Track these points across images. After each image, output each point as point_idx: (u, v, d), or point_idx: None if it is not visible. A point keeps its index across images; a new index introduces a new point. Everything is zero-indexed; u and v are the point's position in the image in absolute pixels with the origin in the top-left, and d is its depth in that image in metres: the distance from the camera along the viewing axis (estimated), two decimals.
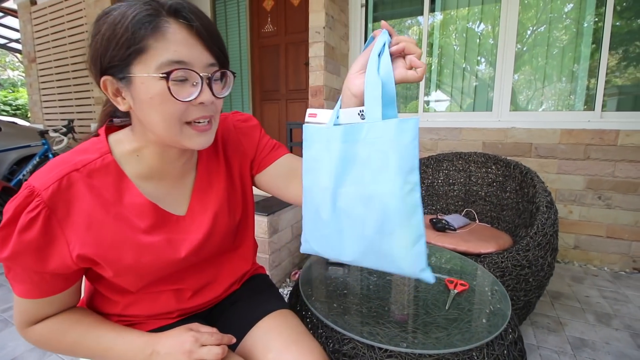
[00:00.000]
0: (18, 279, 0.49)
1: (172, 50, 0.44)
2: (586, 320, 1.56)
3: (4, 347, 1.41)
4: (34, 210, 0.45)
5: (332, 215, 0.55)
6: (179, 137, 0.49)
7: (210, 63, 0.48)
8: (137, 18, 0.43)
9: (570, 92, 2.27)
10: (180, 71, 0.45)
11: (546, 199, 1.37)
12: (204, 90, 0.47)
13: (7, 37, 5.99)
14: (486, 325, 0.75)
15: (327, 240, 0.57)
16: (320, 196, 0.56)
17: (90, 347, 0.53)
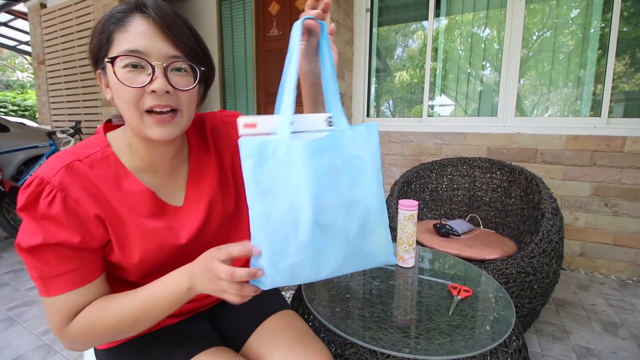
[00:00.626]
0: (56, 272, 0.48)
1: (129, 41, 0.48)
2: (592, 329, 1.54)
3: (9, 346, 1.42)
4: (49, 195, 0.47)
5: (311, 235, 0.47)
6: (140, 126, 0.51)
7: (172, 55, 0.50)
8: (110, 15, 0.50)
9: (576, 97, 2.26)
10: (130, 58, 0.48)
11: (551, 205, 1.36)
12: (156, 78, 0.49)
13: (17, 40, 6.08)
14: (490, 333, 0.75)
15: (301, 266, 0.48)
16: (290, 220, 0.46)
17: (135, 310, 0.50)
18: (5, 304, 1.75)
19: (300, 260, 0.47)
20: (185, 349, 0.58)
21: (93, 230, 0.50)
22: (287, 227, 0.46)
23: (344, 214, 0.50)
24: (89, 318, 0.49)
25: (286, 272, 0.47)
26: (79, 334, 0.49)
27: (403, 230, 1.04)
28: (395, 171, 2.67)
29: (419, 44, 2.75)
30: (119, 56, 0.48)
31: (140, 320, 0.50)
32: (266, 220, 0.46)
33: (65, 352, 1.38)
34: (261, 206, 0.46)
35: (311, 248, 0.48)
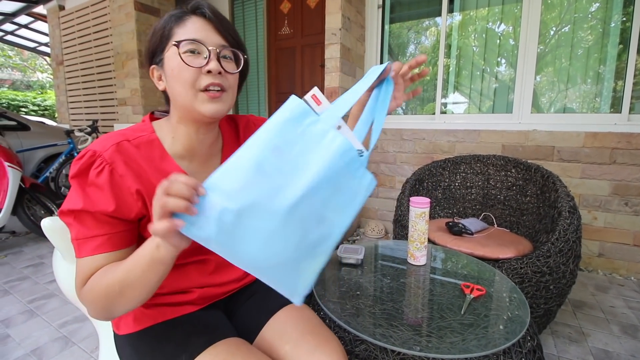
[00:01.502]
0: (89, 235, 0.53)
1: (189, 32, 0.57)
2: (611, 332, 1.50)
3: (29, 337, 1.47)
4: (99, 167, 0.54)
5: (282, 210, 0.44)
6: (194, 103, 0.58)
7: (222, 44, 0.59)
8: (170, 15, 0.59)
9: (595, 94, 2.19)
10: (191, 43, 0.56)
11: (569, 203, 1.32)
12: (211, 60, 0.57)
13: (37, 41, 6.26)
14: (503, 332, 0.73)
15: (246, 231, 0.43)
16: (275, 184, 0.44)
17: (119, 274, 0.50)
18: (26, 297, 1.81)
19: (253, 224, 0.43)
20: (203, 337, 0.59)
21: (132, 203, 0.55)
22: (267, 187, 0.44)
23: (315, 221, 0.49)
24: (93, 280, 0.52)
25: (228, 227, 0.42)
26: (87, 295, 0.53)
27: (414, 227, 1.03)
28: (407, 169, 2.65)
29: (432, 40, 2.71)
30: (183, 40, 0.56)
31: (125, 285, 0.49)
32: (255, 168, 0.43)
33: (82, 344, 1.42)
34: (261, 154, 0.44)
35: (271, 221, 0.44)
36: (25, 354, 1.36)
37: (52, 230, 0.75)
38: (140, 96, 3.25)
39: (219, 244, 0.43)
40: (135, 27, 3.13)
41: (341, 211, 0.52)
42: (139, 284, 0.49)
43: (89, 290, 0.52)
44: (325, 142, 0.48)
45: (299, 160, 0.46)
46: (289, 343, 0.63)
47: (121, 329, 0.64)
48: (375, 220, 2.85)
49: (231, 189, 0.43)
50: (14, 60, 13.03)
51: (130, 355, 0.62)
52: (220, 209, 0.42)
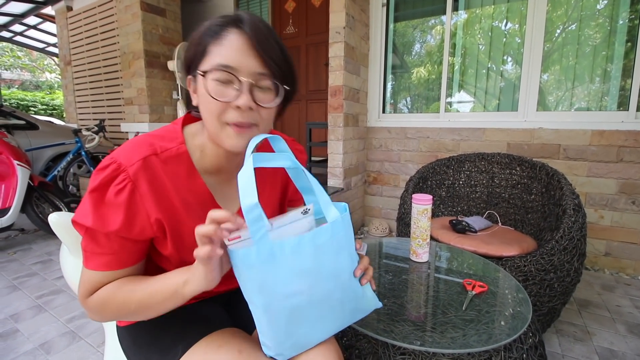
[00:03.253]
0: (98, 251, 0.52)
1: (222, 55, 0.49)
2: (616, 331, 1.48)
3: (37, 332, 1.49)
4: (121, 184, 0.51)
5: (309, 313, 0.52)
6: (220, 135, 0.53)
7: (260, 72, 0.51)
8: (207, 28, 0.51)
9: (602, 91, 2.16)
10: (221, 73, 0.49)
11: (574, 201, 1.31)
12: (242, 94, 0.50)
13: (46, 42, 6.34)
14: (505, 328, 0.73)
15: (305, 339, 0.54)
16: (289, 306, 0.50)
17: (138, 296, 0.52)
18: (34, 293, 1.84)
19: (303, 334, 0.53)
20: (200, 327, 0.60)
21: (146, 226, 0.53)
22: (286, 313, 0.50)
23: (332, 282, 0.53)
24: (104, 294, 0.53)
25: (292, 347, 0.53)
26: (94, 305, 0.53)
27: (417, 224, 1.03)
28: (411, 167, 2.64)
29: (437, 39, 2.70)
30: (212, 70, 0.50)
31: (141, 307, 0.52)
32: (267, 310, 0.49)
33: (89, 338, 1.44)
34: (261, 299, 0.49)
35: (310, 323, 0.53)
36: (33, 347, 1.39)
37: (59, 226, 0.76)
38: (146, 95, 3.29)
39: (296, 352, 0.55)
40: (142, 27, 3.16)
41: (338, 256, 0.54)
42: (155, 308, 0.52)
43: (99, 302, 0.53)
44: (277, 255, 0.48)
45: (279, 280, 0.49)
46: None
47: (122, 322, 0.66)
48: (379, 219, 2.85)
49: (272, 336, 0.52)
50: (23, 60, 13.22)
51: (131, 346, 0.64)
52: (280, 348, 0.53)
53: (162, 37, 3.37)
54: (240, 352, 0.55)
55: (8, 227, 2.37)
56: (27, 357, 1.33)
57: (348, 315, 0.58)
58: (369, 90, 2.80)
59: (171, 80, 3.48)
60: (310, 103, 3.80)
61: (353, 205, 2.70)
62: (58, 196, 2.75)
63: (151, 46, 3.27)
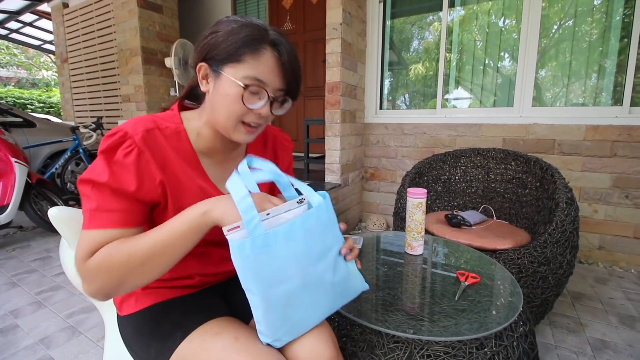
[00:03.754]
0: (106, 208, 0.53)
1: (259, 70, 0.57)
2: (609, 322, 1.51)
3: (37, 327, 1.51)
4: (128, 148, 0.56)
5: (303, 297, 0.57)
6: (231, 130, 0.61)
7: (281, 88, 0.61)
8: (247, 38, 0.57)
9: (596, 87, 2.18)
10: (256, 87, 0.58)
11: (566, 195, 1.33)
12: (266, 105, 0.60)
13: (42, 39, 6.31)
14: (496, 317, 0.75)
15: (301, 323, 0.58)
16: (284, 292, 0.54)
17: (148, 245, 0.51)
18: (34, 289, 1.85)
19: (298, 318, 0.57)
20: (197, 316, 0.62)
21: (152, 189, 0.58)
22: (282, 298, 0.54)
23: (322, 263, 0.58)
24: (107, 250, 0.51)
25: (288, 332, 0.57)
26: (94, 265, 0.51)
27: (411, 218, 1.05)
28: (408, 163, 2.66)
29: (434, 35, 2.70)
30: (250, 85, 0.57)
31: (152, 254, 0.51)
32: (264, 297, 0.53)
33: (89, 333, 1.46)
34: (258, 287, 0.52)
35: (305, 307, 0.57)
36: (33, 342, 1.40)
37: (58, 220, 0.78)
38: (143, 92, 3.29)
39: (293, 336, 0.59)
40: (139, 24, 3.16)
41: (326, 237, 0.59)
42: (169, 252, 0.52)
43: (101, 260, 0.50)
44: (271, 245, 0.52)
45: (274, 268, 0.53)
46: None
47: (123, 310, 0.67)
48: (376, 215, 2.87)
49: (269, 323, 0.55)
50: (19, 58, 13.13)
51: (132, 334, 0.65)
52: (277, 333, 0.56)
53: (159, 34, 3.36)
54: (236, 339, 0.56)
55: (6, 224, 2.37)
56: (28, 352, 1.35)
57: (339, 297, 0.63)
58: (366, 87, 2.81)
59: (168, 77, 3.48)
60: (308, 100, 3.81)
61: (351, 201, 2.72)
62: (56, 193, 2.76)
63: (148, 43, 3.27)
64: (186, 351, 0.57)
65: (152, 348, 0.60)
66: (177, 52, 3.20)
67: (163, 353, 0.58)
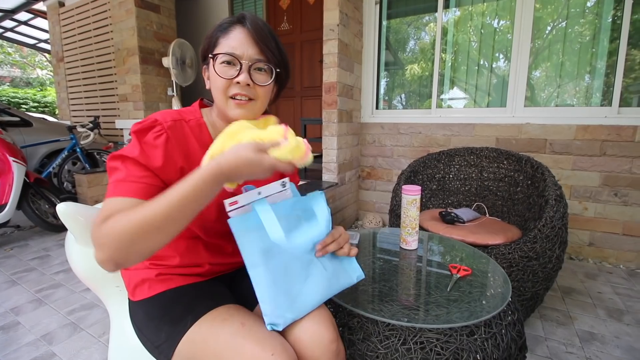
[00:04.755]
0: (131, 179, 0.57)
1: (229, 45, 0.65)
2: (597, 315, 1.56)
3: (39, 324, 1.53)
4: (158, 132, 0.63)
5: (306, 275, 0.65)
6: (225, 107, 0.68)
7: (257, 58, 0.66)
8: (220, 26, 0.67)
9: (586, 87, 2.24)
10: (227, 56, 0.64)
11: (555, 192, 1.38)
12: (242, 72, 0.65)
13: (37, 38, 6.27)
14: (486, 306, 0.79)
15: (301, 298, 0.64)
16: (283, 261, 0.63)
17: (160, 206, 0.51)
18: (34, 287, 1.87)
19: (297, 293, 0.64)
20: (207, 302, 0.66)
21: (172, 172, 0.63)
22: (283, 269, 0.63)
23: (311, 244, 0.67)
24: (126, 211, 0.52)
25: (290, 309, 0.62)
26: (112, 224, 0.50)
27: (406, 214, 1.09)
28: (404, 162, 2.70)
29: (429, 36, 2.75)
30: (219, 54, 0.65)
31: (174, 208, 0.51)
32: (267, 269, 0.61)
33: (90, 329, 1.48)
34: (261, 259, 0.61)
35: (301, 279, 0.64)
36: (35, 339, 1.43)
37: (66, 215, 0.80)
38: (141, 92, 3.30)
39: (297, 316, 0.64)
40: (136, 24, 3.17)
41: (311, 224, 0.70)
42: (190, 206, 0.52)
43: (120, 218, 0.50)
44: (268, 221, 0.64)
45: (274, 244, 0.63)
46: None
47: (136, 296, 0.71)
48: (372, 213, 2.91)
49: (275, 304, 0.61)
50: (13, 57, 13.01)
51: (143, 318, 0.69)
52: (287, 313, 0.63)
53: (156, 34, 3.38)
54: (243, 324, 0.60)
55: (4, 223, 2.38)
56: (30, 348, 1.37)
57: (333, 278, 0.70)
58: (362, 87, 2.85)
59: (166, 77, 3.49)
60: (304, 99, 3.84)
61: (347, 199, 2.75)
62: (54, 193, 2.76)
63: (146, 42, 3.28)
64: (196, 335, 0.60)
65: (163, 332, 0.64)
66: (174, 51, 3.22)
67: (173, 337, 0.62)
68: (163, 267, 0.73)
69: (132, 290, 0.73)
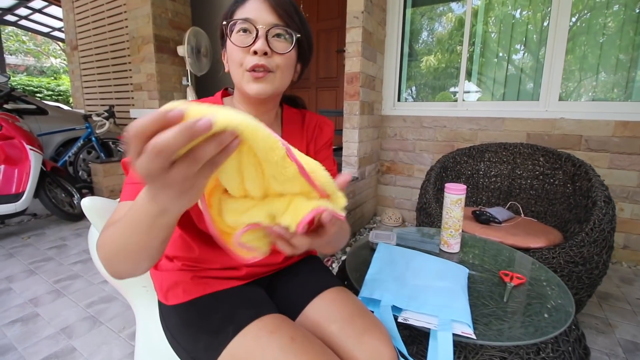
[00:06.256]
0: (136, 181, 0.52)
1: (244, 13, 0.59)
2: (638, 323, 1.47)
3: (58, 316, 1.50)
4: None
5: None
6: (242, 82, 0.61)
7: (275, 23, 0.59)
8: (234, 0, 0.62)
9: (627, 81, 2.10)
10: (241, 23, 0.58)
11: (604, 193, 1.28)
12: (258, 39, 0.58)
13: (51, 26, 6.27)
14: (550, 321, 0.71)
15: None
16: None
17: (120, 221, 0.42)
18: (52, 277, 1.85)
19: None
20: (249, 310, 0.60)
21: None
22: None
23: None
24: (109, 224, 0.46)
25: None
26: (103, 235, 0.45)
27: (449, 214, 1.01)
28: (426, 157, 2.60)
29: (456, 24, 2.62)
30: (235, 20, 0.59)
31: (122, 237, 0.41)
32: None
33: (110, 323, 1.45)
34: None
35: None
36: (55, 332, 1.40)
37: (91, 210, 0.75)
38: (156, 81, 3.24)
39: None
40: (151, 11, 3.10)
41: None
42: (134, 247, 0.41)
43: (102, 236, 0.44)
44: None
45: None
46: (335, 323, 0.62)
47: (169, 300, 0.65)
48: (392, 209, 2.83)
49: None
50: (27, 45, 13.11)
51: (178, 325, 0.63)
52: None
53: (171, 22, 3.30)
54: (292, 339, 0.53)
55: (21, 212, 2.37)
56: (50, 342, 1.34)
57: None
58: (384, 78, 2.74)
59: (181, 66, 3.43)
60: (320, 90, 3.75)
61: (366, 194, 2.68)
62: (70, 182, 2.75)
63: (160, 31, 3.21)
64: (239, 348, 0.54)
65: (201, 342, 0.58)
66: (189, 40, 3.14)
67: (214, 348, 0.56)
68: (198, 269, 0.67)
69: (165, 293, 0.67)
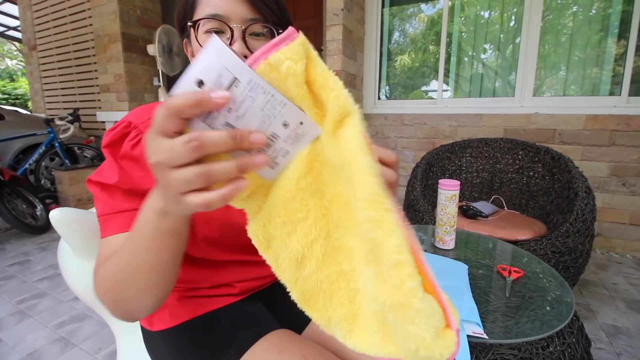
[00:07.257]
0: (118, 208, 0.46)
1: (211, 5, 0.46)
2: (617, 308, 1.53)
3: (23, 340, 1.37)
4: (135, 138, 0.48)
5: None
6: None
7: (251, 18, 0.47)
8: None
9: (596, 76, 2.20)
10: (211, 22, 0.46)
11: (584, 184, 1.32)
12: (234, 41, 0.46)
13: (5, 25, 5.83)
14: (553, 313, 0.71)
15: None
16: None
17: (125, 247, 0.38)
18: (14, 297, 1.69)
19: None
20: (250, 330, 0.54)
21: None
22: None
23: None
24: (110, 260, 0.40)
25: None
26: (100, 275, 0.41)
27: (444, 211, 0.99)
28: (408, 154, 2.62)
29: (434, 23, 2.65)
30: (201, 19, 0.46)
31: (128, 260, 0.37)
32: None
33: (84, 345, 1.33)
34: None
35: None
36: (21, 358, 1.27)
37: (61, 222, 0.66)
38: (125, 82, 3.07)
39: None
40: (118, 8, 2.93)
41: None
42: (144, 267, 0.36)
43: (100, 276, 0.40)
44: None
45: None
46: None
47: (155, 325, 0.58)
48: None
49: None
50: None
51: (168, 353, 0.56)
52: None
53: (140, 19, 3.14)
54: (304, 357, 0.48)
55: None
56: None
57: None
58: (364, 76, 2.73)
59: (151, 66, 3.26)
60: None
61: None
62: (31, 191, 2.54)
63: (129, 28, 3.05)
64: None
65: None
66: (160, 38, 3.00)
67: None
68: (184, 289, 0.59)
69: (149, 318, 0.59)
